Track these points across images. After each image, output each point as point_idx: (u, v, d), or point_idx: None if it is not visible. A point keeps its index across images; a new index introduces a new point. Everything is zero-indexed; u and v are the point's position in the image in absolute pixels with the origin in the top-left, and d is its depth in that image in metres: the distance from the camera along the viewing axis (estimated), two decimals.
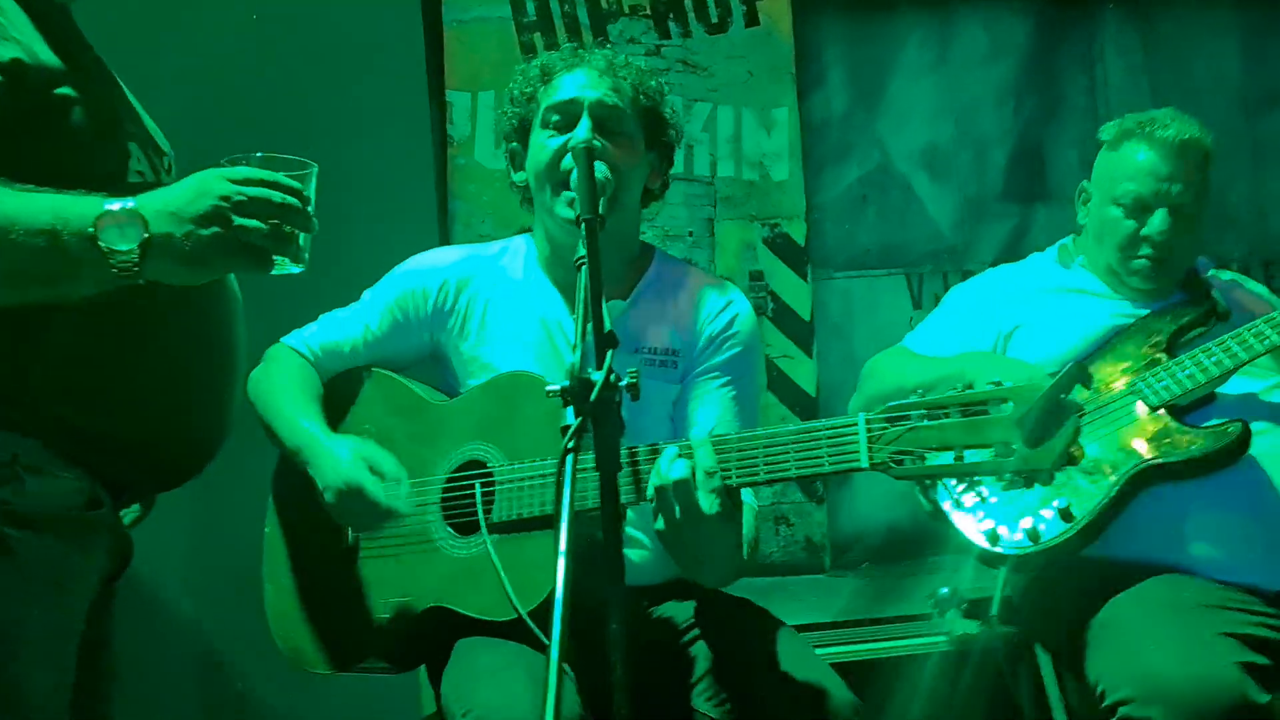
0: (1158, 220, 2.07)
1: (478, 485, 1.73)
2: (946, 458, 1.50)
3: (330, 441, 1.76)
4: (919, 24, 3.29)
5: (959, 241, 3.23)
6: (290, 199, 1.33)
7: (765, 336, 3.02)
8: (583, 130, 1.81)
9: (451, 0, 3.02)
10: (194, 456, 1.55)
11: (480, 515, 1.70)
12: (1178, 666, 1.71)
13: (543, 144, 1.86)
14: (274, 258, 1.34)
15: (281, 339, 1.96)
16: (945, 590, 2.52)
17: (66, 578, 1.39)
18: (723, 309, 1.93)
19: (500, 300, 1.93)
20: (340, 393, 1.91)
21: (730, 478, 1.58)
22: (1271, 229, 3.32)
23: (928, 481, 1.53)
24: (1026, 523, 1.93)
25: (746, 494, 1.80)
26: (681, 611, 1.83)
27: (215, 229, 1.29)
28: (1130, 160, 2.11)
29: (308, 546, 1.85)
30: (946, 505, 2.01)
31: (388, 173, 2.86)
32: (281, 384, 1.87)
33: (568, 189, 1.80)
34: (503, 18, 3.03)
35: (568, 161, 1.79)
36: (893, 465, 1.52)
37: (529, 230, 2.03)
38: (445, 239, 2.92)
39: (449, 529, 1.76)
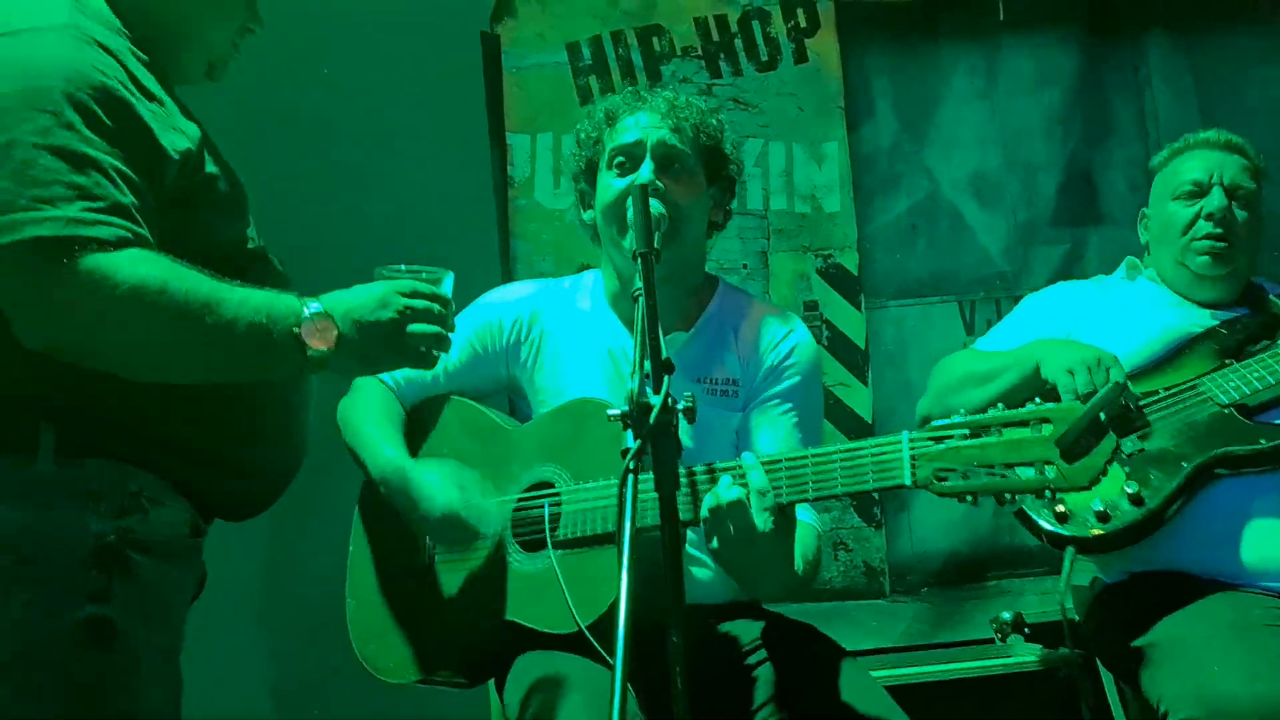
0: (1216, 196, 2.18)
1: (545, 504, 1.82)
2: (988, 475, 1.54)
3: (421, 469, 1.85)
4: (965, 54, 3.34)
5: (1010, 268, 3.25)
6: (445, 310, 1.54)
7: (822, 365, 3.06)
8: (645, 172, 1.91)
9: (510, 48, 3.14)
10: (281, 481, 1.65)
11: (546, 532, 1.78)
12: (1242, 687, 1.72)
13: (609, 184, 1.96)
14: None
15: None
16: (1007, 614, 2.54)
17: (175, 599, 1.52)
18: (783, 338, 2.00)
19: (570, 333, 2.02)
20: (421, 418, 2.02)
21: (781, 495, 1.65)
22: None
23: (968, 498, 1.58)
24: (1097, 506, 1.95)
25: (808, 513, 1.86)
26: (746, 631, 1.89)
27: (392, 336, 1.48)
28: (1183, 164, 2.26)
29: (389, 563, 1.95)
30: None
31: (452, 214, 2.98)
32: (367, 414, 1.97)
33: (629, 217, 1.88)
34: (559, 62, 3.15)
35: (628, 195, 1.87)
36: (935, 482, 1.57)
37: (591, 267, 2.11)
38: (508, 278, 3.01)
39: (518, 546, 1.84)
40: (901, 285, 3.24)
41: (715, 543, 1.64)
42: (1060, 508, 1.96)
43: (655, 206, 1.81)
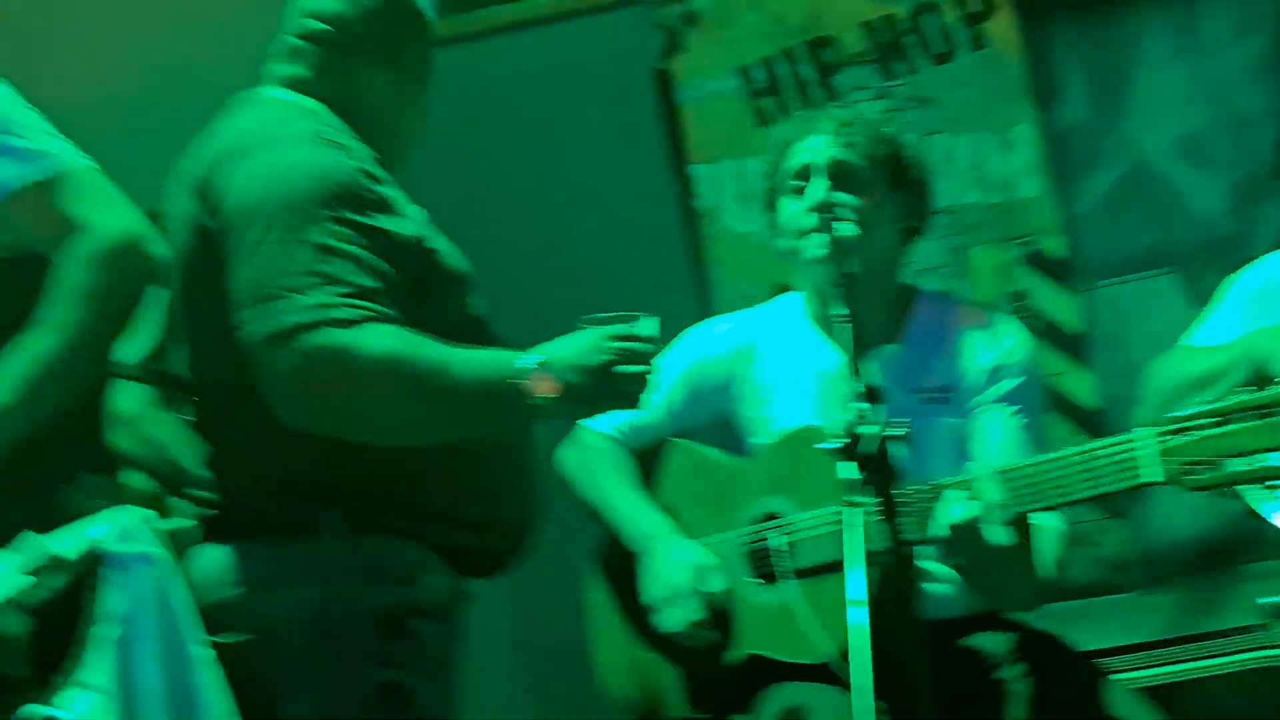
0: None
1: (775, 535, 1.85)
2: (1242, 464, 1.47)
3: (669, 546, 1.92)
4: (1157, 11, 3.15)
5: (1233, 230, 3.03)
6: (648, 351, 1.60)
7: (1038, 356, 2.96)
8: (819, 191, 1.93)
9: (683, 80, 3.20)
10: (528, 534, 1.76)
11: (780, 563, 1.81)
12: None
13: (787, 209, 2.01)
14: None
15: (583, 421, 2.13)
16: (1275, 598, 2.38)
17: (451, 659, 1.65)
18: (998, 340, 1.97)
19: (778, 360, 2.06)
20: (646, 461, 2.09)
21: (1018, 505, 1.63)
22: None
23: (1224, 490, 1.50)
24: None
25: (1053, 517, 1.82)
26: (991, 644, 1.86)
27: (606, 379, 1.55)
28: None
29: (629, 605, 2.03)
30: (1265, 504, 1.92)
31: (644, 254, 3.06)
32: (608, 472, 2.07)
33: (811, 241, 1.92)
34: (733, 88, 3.17)
35: (808, 220, 1.93)
36: (1185, 477, 1.50)
37: (788, 286, 2.15)
38: (706, 308, 3.06)
39: (753, 579, 1.88)
40: (1114, 263, 3.07)
41: (953, 560, 1.63)
42: None
43: (848, 229, 1.83)
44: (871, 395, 1.47)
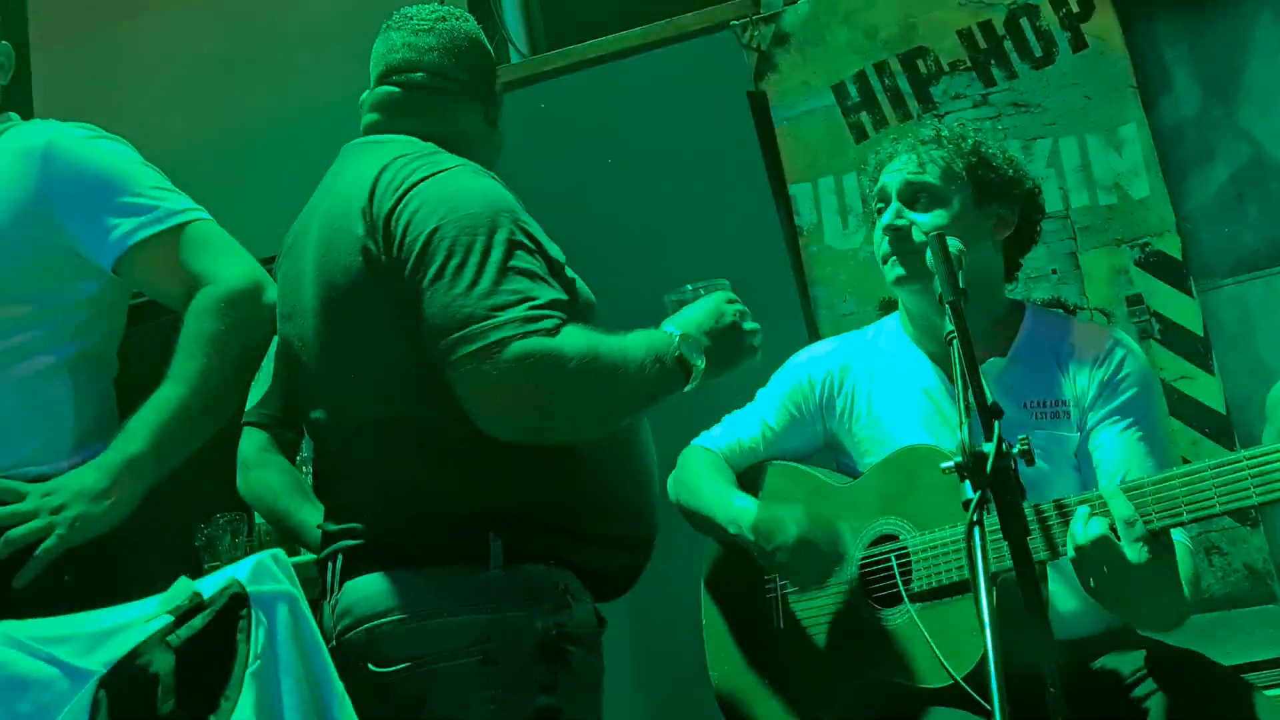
0: None
1: (893, 557, 1.82)
2: None
3: (771, 505, 1.93)
4: None
5: None
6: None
7: (1158, 360, 2.87)
8: (888, 215, 1.93)
9: (778, 101, 3.20)
10: (649, 550, 1.78)
11: (900, 586, 1.79)
12: None
13: (873, 231, 2.02)
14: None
15: (692, 441, 2.17)
16: None
17: (598, 684, 1.68)
18: (1109, 352, 1.91)
19: (882, 379, 2.03)
20: (749, 484, 2.08)
21: (1151, 521, 1.57)
22: None
23: None
24: None
25: (1178, 532, 1.76)
26: (1126, 663, 1.80)
27: (734, 337, 1.66)
28: None
29: (746, 633, 2.02)
30: None
31: (749, 274, 3.04)
32: (702, 475, 2.08)
33: (888, 264, 1.96)
34: (828, 105, 3.16)
35: (885, 246, 1.95)
36: None
37: (892, 300, 2.13)
38: (812, 325, 3.05)
39: (872, 602, 1.85)
40: (1236, 261, 2.97)
41: (1091, 582, 1.59)
42: None
43: (953, 245, 1.79)
44: (989, 412, 1.44)
